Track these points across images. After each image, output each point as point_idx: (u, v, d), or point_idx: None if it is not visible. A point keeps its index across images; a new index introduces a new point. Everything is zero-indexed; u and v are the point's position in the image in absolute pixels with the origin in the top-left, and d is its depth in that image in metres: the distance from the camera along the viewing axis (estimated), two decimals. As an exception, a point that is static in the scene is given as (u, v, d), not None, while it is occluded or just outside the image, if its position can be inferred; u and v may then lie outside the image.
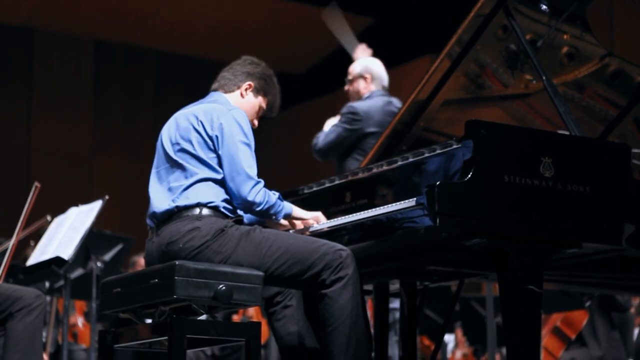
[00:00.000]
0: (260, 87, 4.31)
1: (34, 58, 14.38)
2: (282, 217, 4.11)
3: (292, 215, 4.16)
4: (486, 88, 4.84)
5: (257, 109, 4.32)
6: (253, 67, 4.32)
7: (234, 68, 4.33)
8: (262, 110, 4.35)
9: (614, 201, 3.86)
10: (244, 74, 4.30)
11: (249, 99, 4.29)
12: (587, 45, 4.72)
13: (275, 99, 4.37)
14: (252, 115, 4.30)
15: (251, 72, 4.31)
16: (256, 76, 4.31)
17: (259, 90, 4.31)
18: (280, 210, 4.07)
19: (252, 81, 4.29)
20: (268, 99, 4.34)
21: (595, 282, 4.83)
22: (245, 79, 4.29)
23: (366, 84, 6.64)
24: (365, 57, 6.85)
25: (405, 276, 4.47)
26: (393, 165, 4.21)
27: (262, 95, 4.32)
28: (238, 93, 4.28)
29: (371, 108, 6.46)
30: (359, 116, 6.40)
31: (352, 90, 6.70)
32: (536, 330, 3.70)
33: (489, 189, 3.64)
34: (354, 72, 6.70)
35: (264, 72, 4.33)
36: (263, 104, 4.33)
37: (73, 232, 6.13)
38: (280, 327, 4.21)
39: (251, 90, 4.29)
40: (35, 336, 4.67)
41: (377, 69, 6.69)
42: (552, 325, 7.78)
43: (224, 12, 14.02)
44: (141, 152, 14.10)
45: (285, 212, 4.11)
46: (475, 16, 4.51)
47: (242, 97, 4.28)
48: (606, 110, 4.83)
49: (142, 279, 3.89)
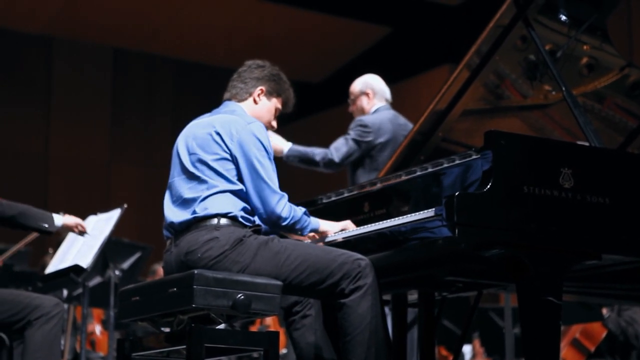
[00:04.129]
0: (272, 89, 4.30)
1: (53, 66, 14.45)
2: (307, 232, 4.10)
3: (319, 230, 4.16)
4: (505, 98, 4.84)
5: (273, 111, 4.32)
6: (260, 71, 4.31)
7: (242, 76, 4.32)
8: (279, 110, 4.35)
9: (633, 212, 3.85)
10: (253, 79, 4.29)
11: (263, 104, 4.29)
12: (607, 56, 4.71)
13: (289, 95, 4.36)
14: (269, 118, 4.30)
15: (260, 77, 4.30)
16: (265, 79, 4.30)
17: (272, 93, 4.30)
18: (306, 226, 4.07)
19: (262, 85, 4.29)
20: (282, 97, 4.33)
21: (614, 293, 4.81)
22: (256, 85, 4.28)
23: (369, 99, 6.61)
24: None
25: (423, 286, 4.47)
26: (411, 175, 4.20)
27: (275, 97, 4.31)
28: (251, 100, 4.28)
29: (380, 120, 6.44)
30: (368, 128, 6.37)
31: (356, 110, 6.67)
32: (555, 341, 3.68)
33: (508, 200, 3.63)
34: (355, 90, 6.67)
35: (271, 73, 4.32)
36: (278, 105, 4.33)
37: (92, 241, 6.14)
38: (298, 337, 4.21)
39: (264, 94, 4.29)
40: (53, 344, 4.68)
41: (378, 83, 6.65)
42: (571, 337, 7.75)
43: (241, 21, 14.06)
44: (158, 160, 14.13)
45: (312, 227, 4.11)
46: (495, 27, 4.51)
47: (256, 103, 4.28)
48: (626, 121, 4.82)
49: (160, 288, 3.89)
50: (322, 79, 15.08)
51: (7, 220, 4.94)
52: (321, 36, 14.28)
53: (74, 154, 14.29)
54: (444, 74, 11.32)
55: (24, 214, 4.97)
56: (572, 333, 7.80)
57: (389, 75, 7.00)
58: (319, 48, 14.56)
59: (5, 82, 14.10)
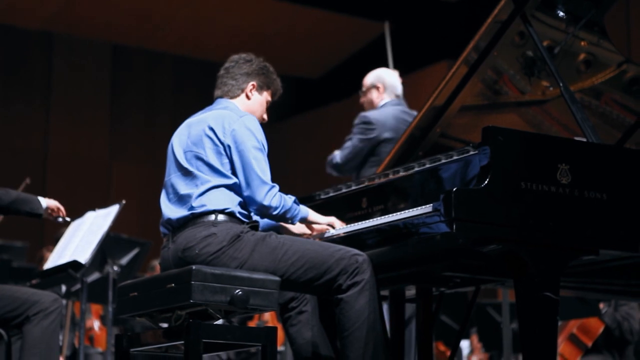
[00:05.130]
0: (263, 82, 4.32)
1: (53, 63, 14.44)
2: (298, 220, 4.13)
3: (308, 219, 4.18)
4: (503, 94, 4.84)
5: (264, 104, 4.35)
6: (249, 66, 4.32)
7: (230, 72, 4.33)
8: (269, 102, 4.37)
9: (631, 208, 3.85)
10: (243, 75, 4.30)
11: (255, 98, 4.31)
12: (605, 52, 4.71)
13: (277, 85, 4.38)
14: (261, 112, 4.33)
15: (249, 72, 4.31)
16: (255, 74, 4.31)
17: (262, 86, 4.32)
18: (296, 214, 4.09)
19: (253, 80, 4.30)
20: (271, 89, 4.36)
21: (611, 289, 4.82)
22: (247, 80, 4.30)
23: (379, 93, 6.63)
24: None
25: (421, 282, 4.47)
26: (410, 171, 4.21)
27: (266, 90, 4.33)
28: (244, 96, 4.29)
29: (384, 115, 6.45)
30: (372, 125, 6.39)
31: (366, 102, 6.70)
32: (552, 336, 3.69)
33: (505, 195, 3.63)
34: (367, 82, 6.69)
35: (260, 67, 4.34)
36: (269, 97, 4.36)
37: (90, 236, 6.14)
38: (294, 333, 4.21)
39: (255, 89, 4.30)
40: (51, 340, 4.68)
41: (390, 78, 6.67)
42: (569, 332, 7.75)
43: (240, 17, 14.06)
44: (158, 157, 14.10)
45: (302, 216, 4.13)
46: (493, 22, 4.52)
47: (249, 98, 4.30)
48: (623, 117, 4.81)
49: (158, 284, 3.90)
50: (321, 74, 15.08)
51: (5, 208, 4.92)
52: (321, 32, 14.27)
53: (73, 151, 14.28)
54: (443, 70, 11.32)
55: (18, 200, 4.95)
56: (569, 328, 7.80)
57: (387, 71, 7.00)
58: (319, 44, 14.55)
59: (5, 79, 14.10)
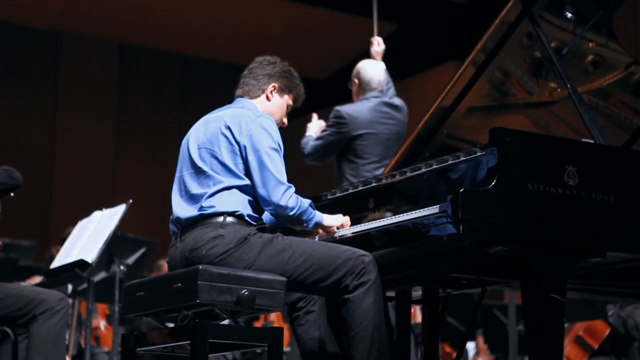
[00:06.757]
0: (285, 85, 4.30)
1: (59, 61, 14.46)
2: (312, 224, 4.10)
3: (322, 224, 4.15)
4: (510, 95, 4.83)
5: (285, 108, 4.32)
6: (272, 68, 4.31)
7: (253, 72, 4.32)
8: (290, 107, 4.35)
9: (638, 210, 3.84)
10: (265, 76, 4.29)
11: (275, 100, 4.29)
12: (613, 54, 4.70)
13: (300, 91, 4.36)
14: (281, 115, 4.31)
15: (272, 74, 4.30)
16: (278, 76, 4.30)
17: (284, 90, 4.30)
18: (312, 218, 4.07)
19: (275, 82, 4.29)
20: (293, 94, 4.33)
21: (618, 291, 4.80)
22: (269, 81, 4.28)
23: (356, 88, 6.63)
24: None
25: (427, 283, 4.47)
26: (416, 172, 4.19)
27: (287, 93, 4.31)
28: (264, 97, 4.28)
29: (358, 111, 6.43)
30: (343, 119, 6.39)
31: (354, 95, 6.72)
32: (559, 339, 3.68)
33: (512, 197, 3.62)
34: (351, 77, 6.70)
35: (283, 70, 4.32)
36: (290, 101, 4.33)
37: (97, 236, 6.15)
38: (302, 333, 4.21)
39: (276, 91, 4.29)
40: (58, 339, 4.68)
41: (365, 72, 6.59)
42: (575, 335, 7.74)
43: (248, 16, 14.06)
44: (164, 155, 14.14)
45: (317, 220, 4.10)
46: (501, 23, 4.50)
47: (269, 100, 4.28)
48: (631, 118, 4.81)
49: (165, 283, 3.90)
50: (329, 74, 15.07)
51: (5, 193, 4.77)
52: (328, 32, 14.27)
53: (79, 149, 14.30)
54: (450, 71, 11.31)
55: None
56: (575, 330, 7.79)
57: (395, 72, 6.99)
58: (326, 44, 14.55)
59: (11, 77, 14.12)
